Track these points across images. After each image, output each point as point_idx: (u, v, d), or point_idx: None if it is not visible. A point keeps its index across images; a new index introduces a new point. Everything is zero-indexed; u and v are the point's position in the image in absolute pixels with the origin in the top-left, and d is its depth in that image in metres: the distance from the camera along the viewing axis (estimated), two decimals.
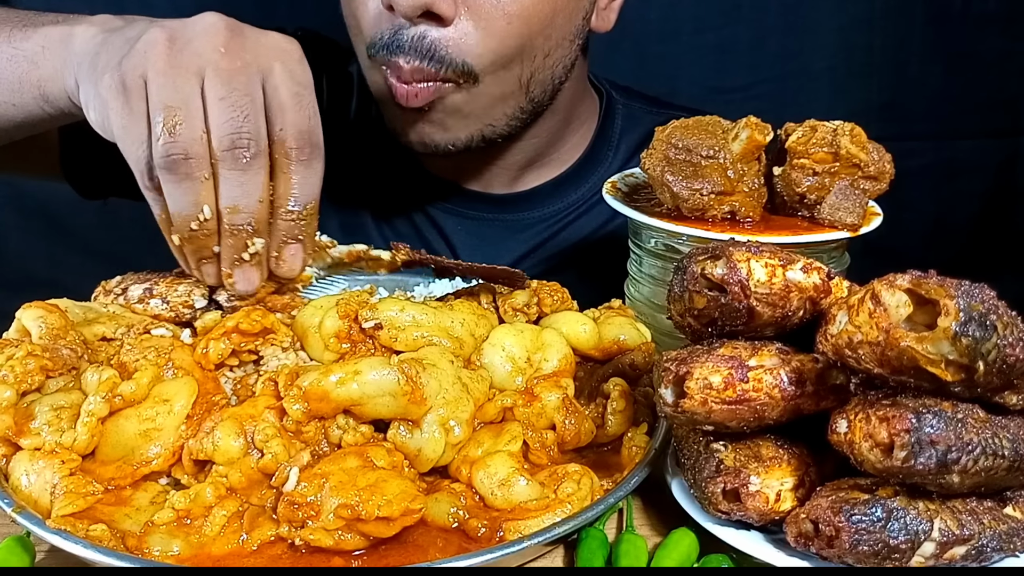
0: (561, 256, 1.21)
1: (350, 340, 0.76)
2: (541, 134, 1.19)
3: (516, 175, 1.23)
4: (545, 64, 1.08)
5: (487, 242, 1.22)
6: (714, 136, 0.88)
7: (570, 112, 1.21)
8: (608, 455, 0.77)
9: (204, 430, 0.69)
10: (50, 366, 0.72)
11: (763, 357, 0.65)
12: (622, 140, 1.25)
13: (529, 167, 1.23)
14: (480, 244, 1.22)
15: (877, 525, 0.58)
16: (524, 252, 1.23)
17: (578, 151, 1.25)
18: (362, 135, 1.26)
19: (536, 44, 1.05)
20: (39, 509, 0.66)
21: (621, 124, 1.26)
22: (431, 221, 1.25)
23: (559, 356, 0.80)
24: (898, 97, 1.88)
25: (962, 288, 0.54)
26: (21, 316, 0.77)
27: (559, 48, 1.08)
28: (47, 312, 0.76)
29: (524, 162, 1.22)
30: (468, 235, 1.24)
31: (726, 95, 1.84)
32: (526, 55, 1.05)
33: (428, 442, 0.70)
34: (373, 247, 0.90)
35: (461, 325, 0.79)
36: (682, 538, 0.68)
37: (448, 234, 1.25)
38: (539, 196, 1.24)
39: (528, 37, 1.03)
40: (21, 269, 1.88)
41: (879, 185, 0.87)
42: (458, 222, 1.24)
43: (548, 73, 1.09)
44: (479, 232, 1.24)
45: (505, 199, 1.24)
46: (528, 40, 1.04)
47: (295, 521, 0.65)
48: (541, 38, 1.05)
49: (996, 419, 0.59)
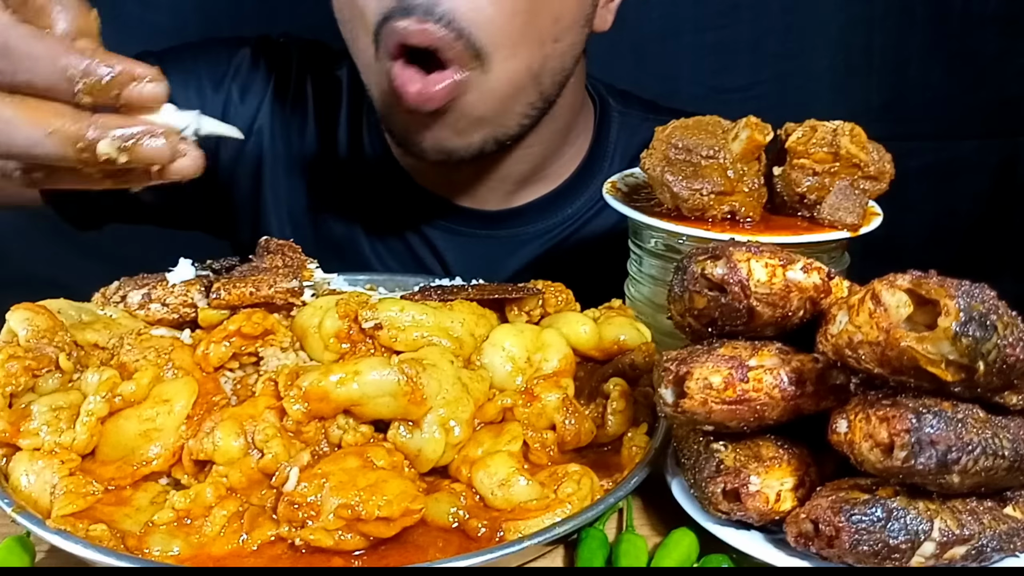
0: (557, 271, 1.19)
1: (350, 340, 0.76)
2: (539, 143, 1.17)
3: (510, 190, 1.21)
4: (555, 50, 1.05)
5: (481, 259, 1.19)
6: (714, 136, 0.88)
7: (569, 120, 1.20)
8: (608, 455, 0.77)
9: (204, 430, 0.69)
10: (34, 366, 0.72)
11: (763, 357, 0.65)
12: (617, 151, 1.23)
13: (524, 182, 1.20)
14: (474, 261, 1.19)
15: (877, 525, 0.58)
16: (519, 268, 1.21)
17: (573, 164, 1.22)
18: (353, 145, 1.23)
19: (545, 25, 1.03)
20: (39, 509, 0.66)
21: (616, 133, 1.24)
22: (423, 238, 1.23)
23: (559, 356, 0.79)
24: (898, 97, 1.88)
25: (962, 288, 0.54)
26: (9, 318, 0.76)
27: (569, 32, 1.06)
28: (34, 314, 0.76)
29: (519, 176, 1.19)
30: (461, 253, 1.22)
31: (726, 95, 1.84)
32: (535, 37, 1.02)
33: (428, 442, 0.70)
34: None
35: (461, 325, 0.79)
36: (682, 538, 0.68)
37: (441, 252, 1.22)
38: (533, 211, 1.21)
39: (538, 15, 1.01)
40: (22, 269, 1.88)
41: (879, 185, 0.87)
42: (451, 239, 1.22)
43: (558, 61, 1.07)
44: (472, 249, 1.21)
45: (498, 215, 1.21)
46: (536, 17, 1.01)
47: (295, 521, 0.65)
48: (550, 19, 1.03)
49: (996, 419, 0.59)
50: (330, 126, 1.24)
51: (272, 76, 1.24)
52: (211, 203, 1.27)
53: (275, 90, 1.24)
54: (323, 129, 1.24)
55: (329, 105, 1.24)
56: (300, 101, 1.24)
